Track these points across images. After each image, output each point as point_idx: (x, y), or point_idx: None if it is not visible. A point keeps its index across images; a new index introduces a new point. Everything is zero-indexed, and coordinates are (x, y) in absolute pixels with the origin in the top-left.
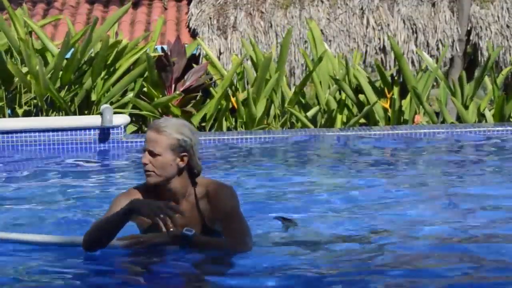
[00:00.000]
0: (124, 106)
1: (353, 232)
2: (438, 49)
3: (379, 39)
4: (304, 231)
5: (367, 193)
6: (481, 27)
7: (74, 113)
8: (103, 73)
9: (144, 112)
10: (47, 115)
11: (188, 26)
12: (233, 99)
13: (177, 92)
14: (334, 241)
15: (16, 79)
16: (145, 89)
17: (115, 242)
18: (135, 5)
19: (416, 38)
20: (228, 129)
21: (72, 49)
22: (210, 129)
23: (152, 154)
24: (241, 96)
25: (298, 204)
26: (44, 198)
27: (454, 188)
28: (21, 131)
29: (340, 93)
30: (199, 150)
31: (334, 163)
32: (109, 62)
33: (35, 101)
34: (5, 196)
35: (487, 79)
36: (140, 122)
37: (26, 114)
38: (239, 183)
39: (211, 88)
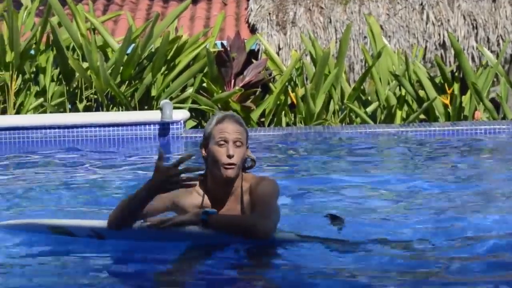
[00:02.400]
0: (183, 101)
1: (406, 234)
2: (498, 45)
3: (439, 34)
4: (354, 231)
5: (425, 193)
6: None
7: (134, 108)
8: (163, 69)
9: (203, 107)
10: (107, 110)
11: (247, 22)
12: (292, 95)
13: (237, 87)
14: (384, 243)
15: (77, 75)
16: (204, 84)
17: (140, 224)
18: (195, 1)
19: (477, 33)
20: (287, 124)
21: (133, 45)
22: (269, 125)
23: (238, 145)
24: (300, 91)
25: (350, 202)
26: (102, 191)
27: None
28: (81, 126)
29: (400, 89)
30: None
31: (391, 160)
32: (169, 57)
33: (95, 96)
34: (69, 187)
35: None
36: (199, 118)
37: (87, 109)
38: (293, 178)
39: (270, 84)
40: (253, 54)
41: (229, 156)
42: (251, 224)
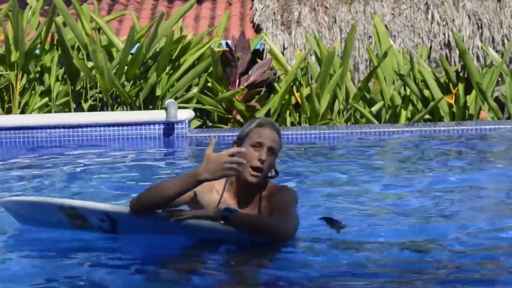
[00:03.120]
0: (188, 101)
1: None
2: (503, 44)
3: (444, 34)
4: (353, 233)
5: (428, 193)
6: None
7: (139, 108)
8: (168, 68)
9: (208, 107)
10: (112, 109)
11: (252, 21)
12: (297, 94)
13: (241, 87)
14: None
15: (82, 74)
16: (209, 84)
17: (161, 212)
18: (200, 1)
19: (481, 33)
20: (292, 124)
21: (138, 44)
22: None
23: (272, 154)
24: (305, 91)
25: (352, 203)
26: (106, 191)
27: None
28: (86, 126)
29: (404, 89)
30: None
31: (394, 160)
32: (174, 57)
33: (100, 95)
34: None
35: None
36: (204, 117)
37: (92, 108)
38: (299, 179)
39: (275, 83)
40: (258, 54)
41: (261, 161)
42: (272, 225)
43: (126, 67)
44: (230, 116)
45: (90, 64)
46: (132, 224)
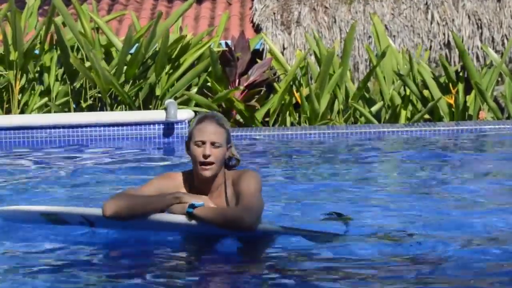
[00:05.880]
0: (188, 101)
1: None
2: (503, 44)
3: (444, 34)
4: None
5: (427, 192)
6: None
7: (139, 108)
8: (167, 68)
9: (204, 110)
10: (111, 109)
11: (252, 21)
12: (296, 94)
13: (237, 86)
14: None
15: (80, 74)
16: (209, 84)
17: None
18: (199, 0)
19: (481, 33)
20: (292, 124)
21: (137, 44)
22: (273, 124)
23: (215, 146)
24: (305, 91)
25: (353, 200)
26: (107, 191)
27: None
28: (86, 126)
29: (404, 89)
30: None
31: (395, 159)
32: (173, 57)
33: (99, 95)
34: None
35: None
36: None
37: (91, 108)
38: (298, 178)
39: (275, 83)
40: (257, 54)
41: (205, 156)
42: (237, 216)
43: (125, 67)
44: (229, 116)
45: (88, 64)
46: (108, 224)
